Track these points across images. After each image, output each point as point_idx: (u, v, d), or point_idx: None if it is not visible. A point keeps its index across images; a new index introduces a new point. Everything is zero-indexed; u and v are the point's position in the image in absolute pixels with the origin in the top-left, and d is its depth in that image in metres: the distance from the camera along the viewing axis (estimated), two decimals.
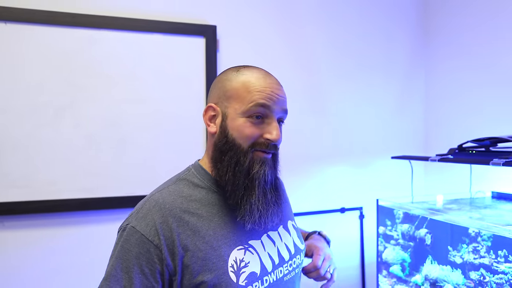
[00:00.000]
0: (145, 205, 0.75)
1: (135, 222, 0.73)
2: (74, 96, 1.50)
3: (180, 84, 1.63)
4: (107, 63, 1.54)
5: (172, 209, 0.74)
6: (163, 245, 0.71)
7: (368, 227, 1.94)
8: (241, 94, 0.76)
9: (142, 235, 0.71)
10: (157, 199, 0.76)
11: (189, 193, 0.78)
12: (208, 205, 0.78)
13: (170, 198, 0.76)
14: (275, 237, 0.85)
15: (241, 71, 0.79)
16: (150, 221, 0.72)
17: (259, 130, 0.77)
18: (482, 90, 1.70)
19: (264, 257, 0.80)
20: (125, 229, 0.74)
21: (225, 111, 0.78)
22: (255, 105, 0.76)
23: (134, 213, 0.76)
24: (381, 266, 1.56)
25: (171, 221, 0.73)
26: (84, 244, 1.53)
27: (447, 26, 1.89)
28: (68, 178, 1.49)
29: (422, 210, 1.38)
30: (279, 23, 1.78)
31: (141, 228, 0.72)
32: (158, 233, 0.71)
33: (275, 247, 0.83)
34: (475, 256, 1.16)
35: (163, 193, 0.77)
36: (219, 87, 0.80)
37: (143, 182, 1.57)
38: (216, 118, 0.79)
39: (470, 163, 1.26)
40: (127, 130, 1.56)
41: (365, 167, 1.95)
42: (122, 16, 1.55)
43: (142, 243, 0.71)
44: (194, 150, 1.64)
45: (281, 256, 0.83)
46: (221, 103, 0.79)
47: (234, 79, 0.78)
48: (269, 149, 0.78)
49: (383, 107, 1.98)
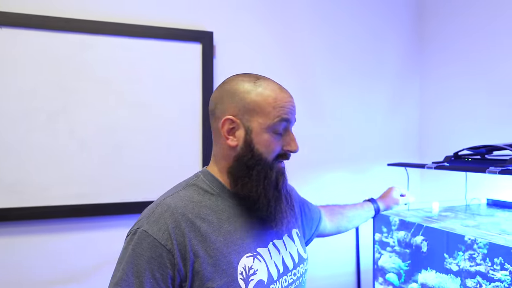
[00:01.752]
0: (157, 209, 0.75)
1: (147, 226, 0.73)
2: (67, 101, 1.48)
3: (176, 91, 1.62)
4: (101, 68, 1.52)
5: (184, 214, 0.74)
6: (176, 249, 0.71)
7: (363, 234, 1.93)
8: (265, 108, 0.78)
9: (154, 239, 0.71)
10: (169, 204, 0.76)
11: (199, 199, 0.79)
12: (218, 211, 0.78)
13: (182, 203, 0.76)
14: (280, 245, 0.86)
15: (258, 83, 0.80)
16: (163, 225, 0.72)
17: (280, 143, 0.81)
18: (477, 97, 1.70)
19: (270, 265, 0.80)
20: (136, 232, 0.73)
21: (248, 125, 0.79)
22: (280, 120, 0.79)
23: (145, 217, 0.75)
24: (377, 273, 1.55)
25: (184, 226, 0.73)
26: (77, 251, 1.50)
27: (442, 32, 1.90)
28: (61, 184, 1.47)
29: (418, 218, 1.38)
30: (274, 29, 1.78)
31: (154, 232, 0.72)
32: (171, 237, 0.71)
33: (280, 256, 0.84)
34: (471, 263, 1.16)
35: (174, 198, 0.77)
36: (238, 100, 0.79)
37: (138, 188, 1.56)
38: (235, 131, 0.80)
39: (466, 171, 1.26)
40: (121, 135, 1.55)
41: (361, 174, 1.95)
42: (117, 21, 1.54)
43: (154, 247, 0.70)
44: (190, 156, 1.63)
45: (286, 265, 0.84)
46: (241, 116, 0.79)
47: (254, 92, 0.79)
48: (288, 159, 0.83)
49: (378, 113, 1.98)
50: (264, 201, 0.79)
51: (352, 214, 1.29)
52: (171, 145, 1.61)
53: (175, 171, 1.59)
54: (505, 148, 1.10)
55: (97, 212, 1.51)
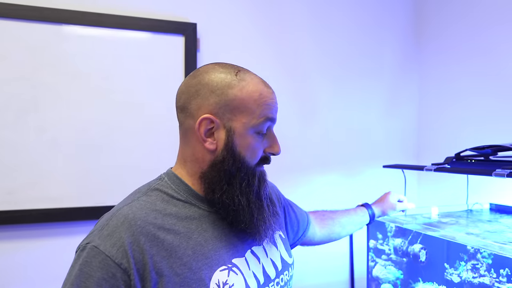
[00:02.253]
0: (111, 220, 0.64)
1: (98, 241, 0.62)
2: (38, 97, 1.37)
3: (156, 85, 1.51)
4: (75, 61, 1.42)
5: (145, 226, 0.64)
6: (133, 269, 0.60)
7: (357, 240, 1.83)
8: (250, 106, 0.69)
9: (106, 257, 0.60)
10: (127, 214, 0.65)
11: (163, 206, 0.68)
12: (185, 219, 0.68)
13: (142, 213, 0.65)
14: (260, 252, 0.76)
15: (240, 76, 0.70)
16: (118, 240, 0.62)
17: (262, 145, 0.73)
18: (477, 97, 1.63)
19: (248, 277, 0.71)
20: (85, 248, 0.62)
21: (230, 125, 0.69)
22: (265, 120, 0.70)
23: (97, 230, 0.65)
24: (371, 283, 1.45)
25: (143, 241, 0.62)
26: (47, 259, 1.39)
27: (441, 31, 1.82)
28: (29, 186, 1.36)
29: (416, 224, 1.29)
30: (263, 23, 1.68)
31: (106, 249, 0.61)
32: (127, 254, 0.61)
33: (260, 264, 0.75)
34: (474, 274, 1.07)
35: (133, 206, 0.67)
36: (218, 94, 0.68)
37: (115, 191, 1.45)
38: (213, 131, 0.69)
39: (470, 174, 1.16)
40: (97, 134, 1.44)
41: (355, 176, 1.85)
42: (94, 11, 1.44)
43: (106, 267, 0.60)
44: (172, 155, 1.52)
45: (267, 275, 0.75)
46: (221, 114, 0.69)
47: (237, 87, 0.69)
48: (269, 163, 0.74)
49: (374, 114, 1.89)
50: (246, 212, 0.70)
51: (345, 220, 1.19)
52: (150, 144, 1.50)
53: (154, 172, 1.47)
54: None
55: (69, 217, 1.40)
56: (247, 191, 0.70)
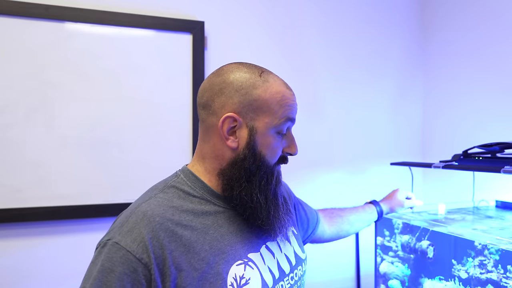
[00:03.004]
0: (131, 217, 0.66)
1: (119, 237, 0.63)
2: (46, 95, 1.38)
3: (164, 84, 1.51)
4: (84, 59, 1.42)
5: (163, 222, 0.65)
6: (153, 264, 0.62)
7: (364, 237, 1.84)
8: (273, 106, 0.71)
9: (127, 252, 0.62)
10: (145, 211, 0.66)
11: (180, 203, 0.70)
12: (201, 215, 0.70)
13: (160, 209, 0.67)
14: (274, 248, 0.78)
15: (264, 77, 0.72)
16: (138, 236, 0.63)
17: (281, 145, 0.74)
18: (483, 94, 1.63)
19: (264, 271, 0.72)
20: (106, 245, 0.64)
21: (253, 125, 0.70)
22: (286, 120, 0.72)
23: (117, 227, 0.66)
24: (379, 279, 1.46)
25: (162, 236, 0.64)
26: (55, 256, 1.40)
27: (446, 28, 1.82)
28: (37, 184, 1.36)
29: (423, 221, 1.29)
30: (270, 21, 1.69)
31: (127, 244, 0.62)
32: (148, 250, 0.62)
33: (274, 260, 0.76)
34: (481, 270, 1.08)
35: (151, 203, 0.68)
36: (242, 94, 0.70)
37: (124, 189, 1.46)
38: (236, 130, 0.71)
39: (478, 171, 1.17)
40: (105, 132, 1.44)
41: (361, 174, 1.86)
42: (102, 9, 1.44)
43: (127, 262, 0.61)
44: (181, 152, 1.53)
45: (282, 269, 0.77)
46: (245, 113, 0.70)
47: (261, 87, 0.70)
48: (287, 163, 0.76)
49: (380, 111, 1.90)
50: (264, 210, 0.71)
51: (353, 217, 1.20)
52: (158, 142, 1.51)
53: (163, 170, 1.48)
54: None
55: (77, 214, 1.40)
56: (265, 189, 0.72)
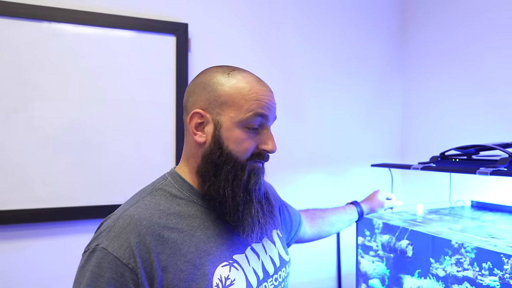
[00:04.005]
0: (118, 222, 0.67)
1: (106, 242, 0.64)
2: (27, 96, 1.35)
3: (148, 85, 1.51)
4: (66, 59, 1.40)
5: (150, 226, 0.66)
6: (140, 268, 0.63)
7: (344, 237, 1.87)
8: (238, 101, 0.71)
9: (115, 258, 0.63)
10: (132, 215, 0.67)
11: (167, 205, 0.71)
12: (188, 217, 0.71)
13: (147, 213, 0.68)
14: (259, 249, 0.80)
15: (232, 74, 0.73)
16: (125, 241, 0.64)
17: (255, 141, 0.74)
18: (460, 96, 1.68)
19: (249, 272, 0.74)
20: (95, 250, 0.65)
21: (218, 119, 0.72)
22: (253, 115, 0.72)
23: (104, 232, 0.66)
24: (359, 278, 1.49)
25: (149, 240, 0.65)
26: (38, 259, 1.37)
27: (425, 30, 1.87)
28: (18, 186, 1.34)
29: (402, 221, 1.33)
30: (254, 23, 1.70)
31: (114, 250, 0.63)
32: (134, 254, 0.63)
33: (259, 261, 0.78)
34: (458, 268, 1.11)
35: (138, 207, 0.69)
36: (209, 91, 0.72)
37: (107, 190, 1.44)
38: (204, 126, 0.73)
39: (454, 172, 1.21)
40: (87, 133, 1.43)
41: (342, 175, 1.89)
42: (84, 9, 1.42)
43: (115, 267, 0.63)
44: (164, 155, 1.53)
45: (266, 270, 0.78)
46: (211, 109, 0.72)
47: (227, 83, 0.72)
48: (264, 159, 0.76)
49: (360, 112, 1.93)
50: (231, 204, 0.71)
51: (334, 218, 1.23)
52: (142, 144, 1.50)
53: (146, 171, 1.48)
54: (495, 148, 1.05)
55: (59, 217, 1.38)
56: (233, 184, 0.72)
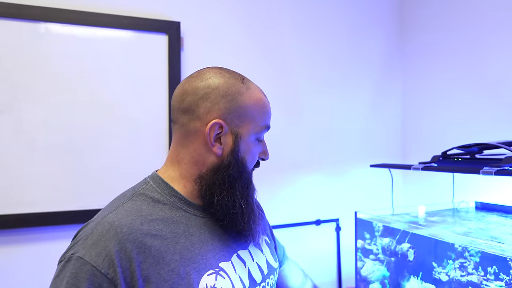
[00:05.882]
0: (97, 229, 0.63)
1: (83, 251, 0.60)
2: (14, 97, 1.32)
3: (140, 85, 1.47)
4: (55, 60, 1.37)
5: (131, 233, 0.62)
6: (120, 278, 0.59)
7: (345, 240, 1.83)
8: (254, 114, 0.72)
9: (92, 267, 0.59)
10: (112, 222, 0.63)
11: (149, 211, 0.67)
12: (172, 223, 0.68)
13: (128, 219, 0.64)
14: (246, 257, 0.76)
15: (245, 82, 0.73)
16: (103, 249, 0.60)
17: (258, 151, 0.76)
18: (461, 94, 1.64)
19: (235, 280, 0.71)
20: (70, 260, 0.60)
21: (237, 131, 0.70)
22: (265, 128, 0.74)
23: (81, 239, 0.62)
24: (360, 283, 1.44)
25: (130, 248, 0.61)
26: (25, 265, 1.34)
27: (424, 28, 1.83)
28: (5, 190, 1.30)
29: (404, 223, 1.28)
30: (248, 21, 1.66)
31: (91, 259, 0.59)
32: (114, 264, 0.59)
33: (246, 269, 0.75)
34: (462, 273, 1.07)
35: (118, 213, 0.65)
36: (229, 100, 0.69)
37: (96, 194, 1.40)
38: (221, 136, 0.70)
39: (457, 172, 1.16)
40: (77, 135, 1.39)
41: (341, 176, 1.85)
42: (74, 8, 1.39)
43: (92, 277, 0.58)
44: (155, 157, 1.48)
45: (253, 279, 0.75)
46: (230, 120, 0.70)
47: (246, 94, 0.71)
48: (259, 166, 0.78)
49: (359, 112, 1.89)
50: (245, 215, 0.71)
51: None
52: (132, 145, 1.46)
53: (136, 175, 1.43)
54: (500, 146, 1.00)
55: (47, 221, 1.34)
56: (245, 195, 0.72)
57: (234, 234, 0.73)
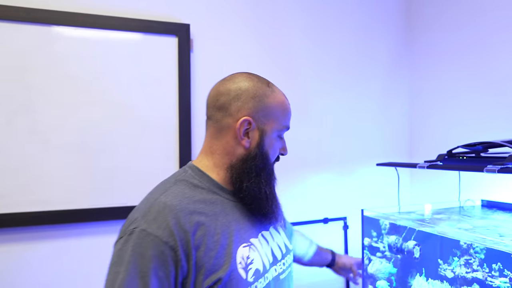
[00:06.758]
0: (153, 208, 0.74)
1: (145, 224, 0.71)
2: (29, 99, 1.36)
3: (150, 86, 1.51)
4: (68, 63, 1.41)
5: (182, 210, 0.74)
6: (179, 246, 0.70)
7: (352, 238, 1.84)
8: (279, 114, 0.84)
9: (155, 237, 0.70)
10: (165, 202, 0.75)
11: (191, 194, 0.79)
12: (210, 204, 0.79)
13: (177, 200, 0.76)
14: (268, 236, 0.88)
15: (271, 87, 0.85)
16: (162, 222, 0.71)
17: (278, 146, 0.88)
18: (468, 93, 1.64)
19: (263, 255, 0.83)
20: (133, 233, 0.71)
21: (263, 128, 0.82)
22: (286, 127, 0.88)
23: (140, 217, 0.73)
24: (366, 280, 1.46)
25: (184, 222, 0.73)
26: (40, 262, 1.38)
27: (431, 27, 1.84)
28: (20, 189, 1.34)
29: (410, 221, 1.30)
30: (256, 23, 1.69)
31: (153, 230, 0.70)
32: (173, 234, 0.71)
33: (269, 246, 0.86)
34: (467, 270, 1.08)
35: (168, 195, 0.77)
36: (257, 101, 0.82)
37: (108, 193, 1.44)
38: (249, 131, 0.82)
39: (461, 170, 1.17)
40: (90, 135, 1.43)
41: (348, 175, 1.86)
42: (86, 12, 1.43)
43: (156, 245, 0.69)
44: (166, 155, 1.52)
45: (274, 255, 0.87)
46: (257, 118, 0.81)
47: (271, 96, 0.84)
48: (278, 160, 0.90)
49: (367, 112, 1.90)
50: (269, 200, 0.83)
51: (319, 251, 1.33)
52: (144, 145, 1.50)
53: (147, 174, 1.48)
54: (504, 145, 1.01)
55: (60, 219, 1.39)
56: (269, 183, 0.84)
57: (259, 217, 0.84)
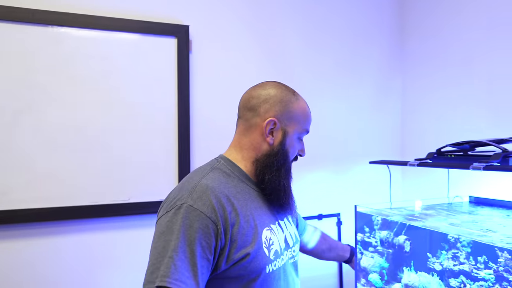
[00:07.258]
0: (198, 188, 0.85)
1: (191, 201, 0.82)
2: (33, 98, 1.40)
3: (150, 86, 1.54)
4: (70, 62, 1.44)
5: (221, 192, 0.86)
6: (220, 221, 0.82)
7: (346, 234, 1.90)
8: (300, 119, 0.97)
9: (201, 213, 0.81)
10: (207, 184, 0.86)
11: (225, 180, 0.90)
12: (241, 191, 0.91)
13: (215, 183, 0.87)
14: (282, 225, 1.00)
15: (296, 95, 0.99)
16: (206, 201, 0.82)
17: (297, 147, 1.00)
18: (459, 93, 1.69)
19: (280, 239, 0.95)
20: (181, 207, 0.81)
21: (286, 129, 0.95)
22: (305, 131, 1.00)
23: (185, 195, 0.83)
24: (359, 274, 1.51)
25: (223, 202, 0.84)
26: (44, 258, 1.41)
27: (423, 27, 1.88)
28: (23, 186, 1.38)
29: (401, 216, 1.35)
30: (253, 24, 1.73)
31: (199, 207, 0.81)
32: (215, 211, 0.82)
33: (283, 234, 0.98)
34: (454, 262, 1.13)
35: (208, 179, 0.88)
36: (283, 105, 0.94)
37: (111, 190, 1.48)
38: (273, 130, 0.94)
39: (449, 168, 1.23)
40: (92, 134, 1.47)
41: (342, 173, 1.91)
42: (88, 13, 1.46)
43: (201, 219, 0.80)
44: (166, 153, 1.56)
45: (287, 242, 0.98)
46: (282, 119, 0.94)
47: (295, 103, 0.97)
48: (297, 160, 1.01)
49: (360, 111, 1.95)
50: (287, 192, 0.96)
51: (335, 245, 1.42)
52: (144, 144, 1.54)
53: (148, 170, 1.52)
54: (490, 144, 1.07)
55: (65, 216, 1.42)
56: (287, 178, 0.97)
57: (277, 207, 0.96)
